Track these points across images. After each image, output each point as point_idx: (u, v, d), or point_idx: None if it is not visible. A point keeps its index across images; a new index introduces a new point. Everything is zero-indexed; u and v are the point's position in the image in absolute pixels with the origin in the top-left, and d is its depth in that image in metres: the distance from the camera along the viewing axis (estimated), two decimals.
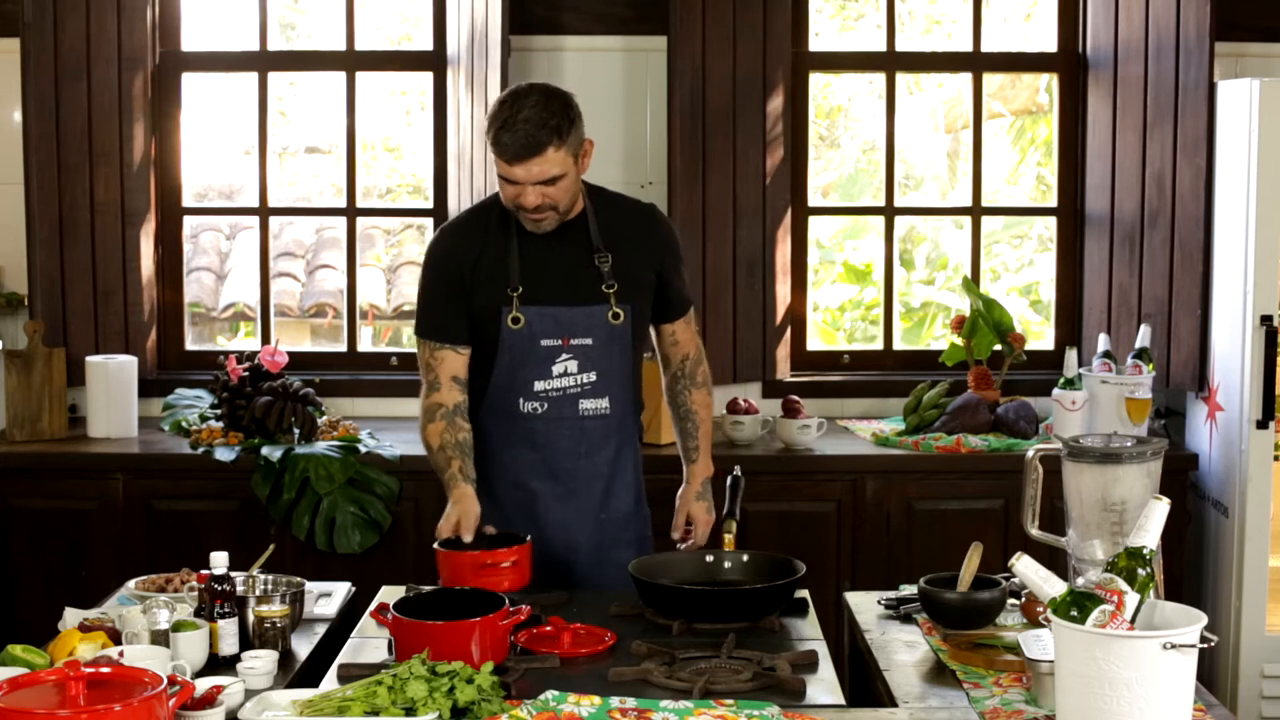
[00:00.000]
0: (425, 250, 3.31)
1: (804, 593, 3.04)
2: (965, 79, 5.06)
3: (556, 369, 3.17)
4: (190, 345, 4.97)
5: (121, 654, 2.53)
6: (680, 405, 3.38)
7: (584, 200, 3.21)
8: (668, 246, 3.30)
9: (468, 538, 3.00)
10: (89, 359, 4.49)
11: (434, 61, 4.83)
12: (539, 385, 3.17)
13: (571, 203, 3.15)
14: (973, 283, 4.79)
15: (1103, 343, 4.47)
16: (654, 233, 3.28)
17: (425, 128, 4.93)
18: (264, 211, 4.95)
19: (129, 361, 4.52)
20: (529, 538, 2.99)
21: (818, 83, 5.61)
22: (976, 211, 5.00)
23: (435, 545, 2.97)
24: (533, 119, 3.02)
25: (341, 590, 3.18)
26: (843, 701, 2.48)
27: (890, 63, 4.93)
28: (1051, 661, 2.28)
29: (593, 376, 3.18)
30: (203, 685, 2.41)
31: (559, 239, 3.17)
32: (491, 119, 3.07)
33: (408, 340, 6.36)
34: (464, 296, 3.19)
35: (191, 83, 4.91)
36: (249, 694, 2.49)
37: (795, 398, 4.48)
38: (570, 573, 3.22)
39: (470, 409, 3.24)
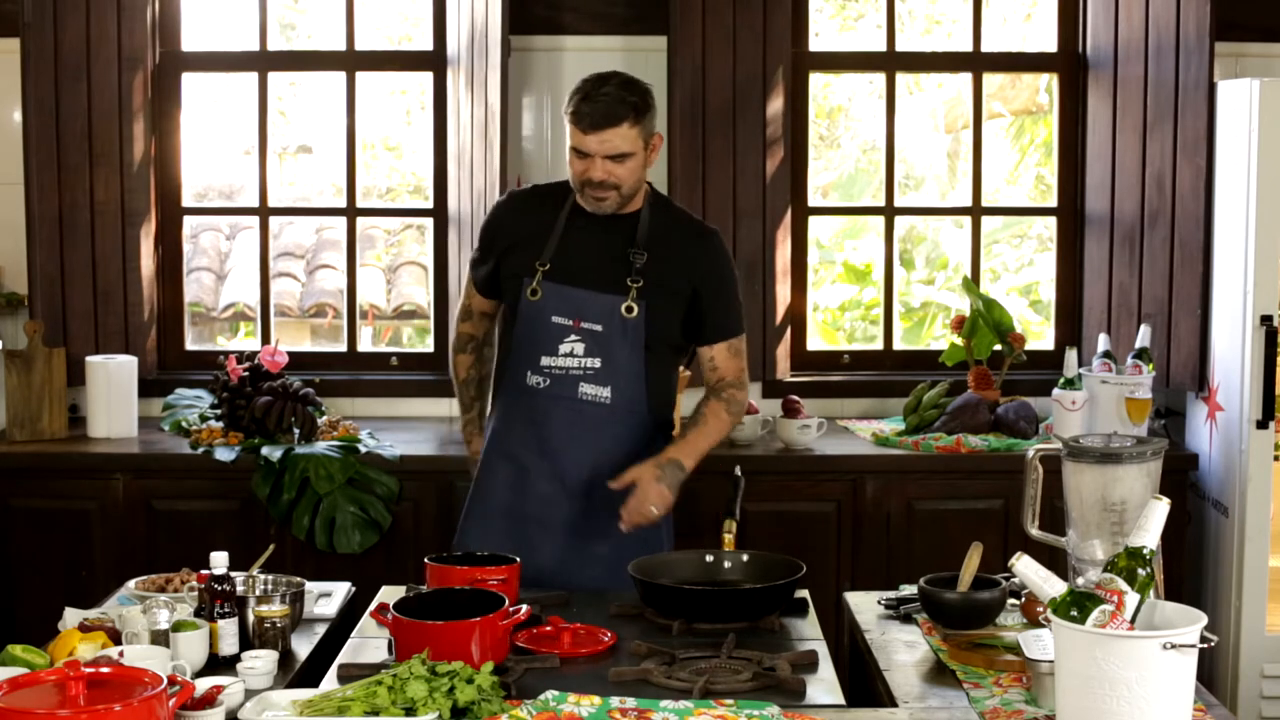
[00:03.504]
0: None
1: (804, 593, 3.04)
2: (965, 79, 5.06)
3: (563, 348, 3.23)
4: (190, 345, 4.97)
5: (121, 654, 2.53)
6: (696, 412, 3.38)
7: (644, 202, 3.30)
8: (712, 269, 3.31)
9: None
10: (89, 359, 4.49)
11: (434, 61, 4.83)
12: (545, 360, 3.25)
13: (634, 189, 3.25)
14: (973, 283, 4.79)
15: (1103, 343, 4.47)
16: (701, 250, 3.31)
17: (425, 128, 4.93)
18: (264, 211, 4.95)
19: (129, 361, 4.52)
20: (518, 559, 3.00)
21: (818, 83, 5.61)
22: (976, 211, 5.00)
23: (426, 560, 2.98)
24: (613, 95, 3.16)
25: (341, 590, 3.19)
26: (843, 701, 2.48)
27: (890, 63, 4.93)
28: (1051, 661, 2.28)
29: (597, 363, 3.23)
30: (203, 685, 2.41)
31: (603, 227, 3.27)
32: (573, 93, 3.20)
33: (408, 340, 6.37)
34: (495, 254, 3.35)
35: (191, 83, 4.91)
36: (249, 694, 2.49)
37: (795, 398, 4.48)
38: (543, 551, 3.24)
39: (497, 371, 3.41)
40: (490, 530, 3.29)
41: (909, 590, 3.01)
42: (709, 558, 3.10)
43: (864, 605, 3.04)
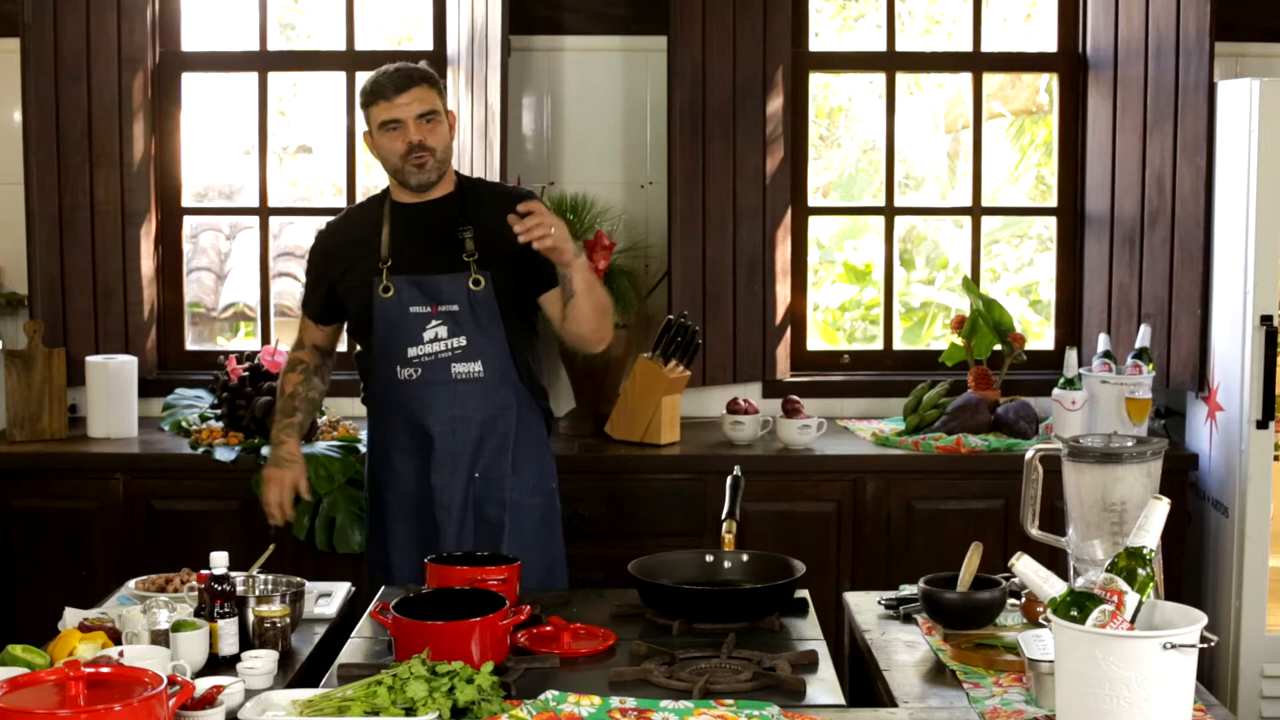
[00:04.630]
0: None
1: (804, 593, 3.04)
2: (965, 79, 5.06)
3: (427, 335, 3.35)
4: (190, 345, 4.97)
5: (121, 654, 2.53)
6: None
7: (454, 185, 3.47)
8: None
9: (305, 495, 3.50)
10: (89, 359, 4.49)
11: (434, 61, 4.78)
12: (412, 351, 3.36)
13: (446, 156, 3.43)
14: (973, 283, 4.79)
15: (1103, 343, 4.47)
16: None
17: None
18: (264, 211, 4.95)
19: (129, 361, 4.52)
20: (519, 560, 3.01)
21: (818, 83, 5.61)
22: (976, 211, 5.00)
23: (426, 560, 2.99)
24: (401, 67, 3.40)
25: (341, 590, 3.19)
26: (843, 701, 2.48)
27: (890, 63, 4.93)
28: (1051, 661, 2.28)
29: (462, 341, 3.35)
30: (203, 685, 2.41)
31: (426, 215, 3.41)
32: (363, 87, 3.40)
33: None
34: (328, 280, 3.49)
35: (191, 83, 4.91)
36: (249, 694, 2.49)
37: (795, 398, 4.48)
38: (443, 527, 3.35)
39: (363, 382, 3.53)
40: (405, 534, 3.41)
41: (909, 590, 3.01)
42: (709, 558, 3.10)
43: (864, 605, 3.04)
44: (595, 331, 3.42)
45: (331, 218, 3.65)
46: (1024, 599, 2.84)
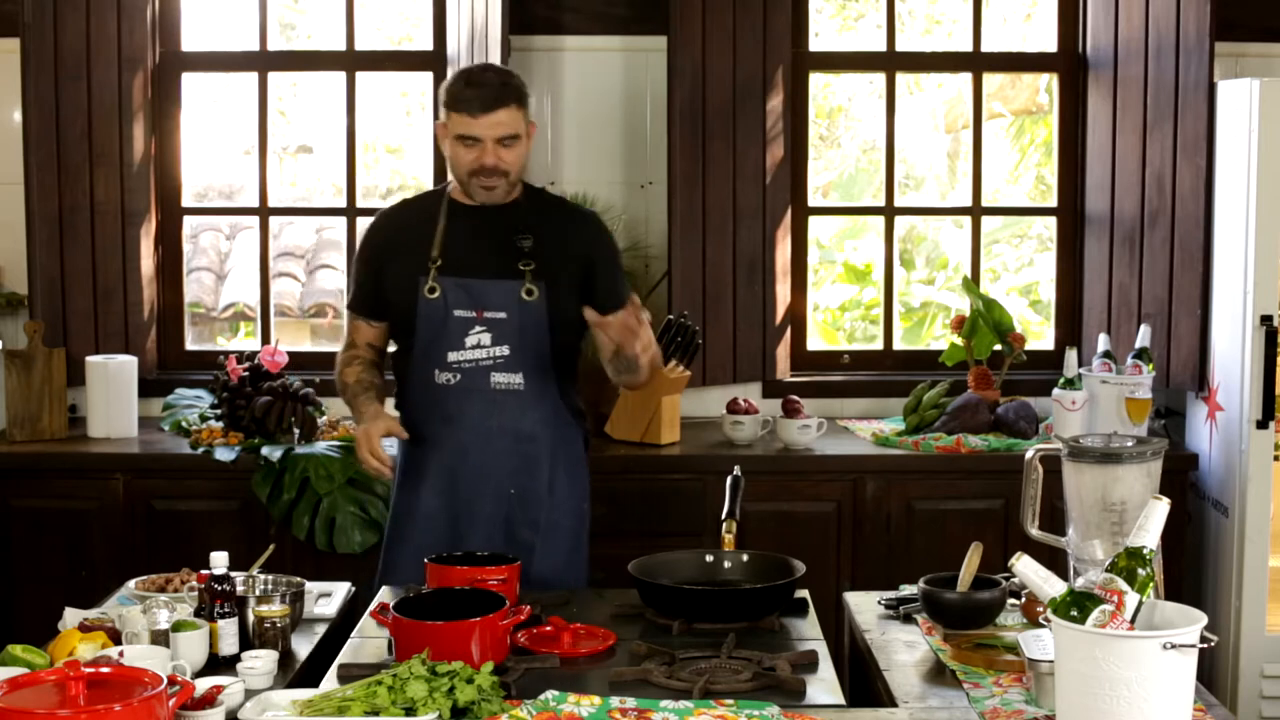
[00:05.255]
0: None
1: (804, 593, 3.03)
2: (965, 79, 5.06)
3: (470, 340, 3.26)
4: (190, 345, 4.97)
5: (121, 654, 2.53)
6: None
7: (519, 192, 3.35)
8: (596, 241, 3.38)
9: (400, 434, 3.25)
10: (89, 359, 4.49)
11: (434, 61, 4.83)
12: (452, 356, 3.26)
13: (519, 176, 3.31)
14: (973, 283, 4.79)
15: (1103, 343, 4.47)
16: (583, 227, 3.39)
17: (425, 128, 4.93)
18: (264, 211, 4.95)
19: (129, 361, 4.52)
20: (518, 560, 3.01)
21: (818, 83, 5.61)
22: (976, 211, 5.00)
23: (426, 560, 2.98)
24: (495, 78, 3.24)
25: (341, 590, 3.18)
26: (843, 701, 2.48)
27: (890, 63, 4.93)
28: (1051, 661, 2.28)
29: (505, 350, 3.26)
30: (203, 685, 2.41)
31: (485, 218, 3.30)
32: (451, 84, 3.25)
33: None
34: (376, 269, 3.36)
35: (191, 83, 4.91)
36: (249, 694, 2.49)
37: (795, 398, 4.48)
38: (467, 541, 3.25)
39: (398, 385, 3.40)
40: (424, 538, 3.28)
41: (909, 590, 3.01)
42: (709, 558, 3.09)
43: (864, 605, 3.04)
44: (643, 383, 3.39)
45: (387, 207, 3.53)
46: (1024, 599, 2.84)
